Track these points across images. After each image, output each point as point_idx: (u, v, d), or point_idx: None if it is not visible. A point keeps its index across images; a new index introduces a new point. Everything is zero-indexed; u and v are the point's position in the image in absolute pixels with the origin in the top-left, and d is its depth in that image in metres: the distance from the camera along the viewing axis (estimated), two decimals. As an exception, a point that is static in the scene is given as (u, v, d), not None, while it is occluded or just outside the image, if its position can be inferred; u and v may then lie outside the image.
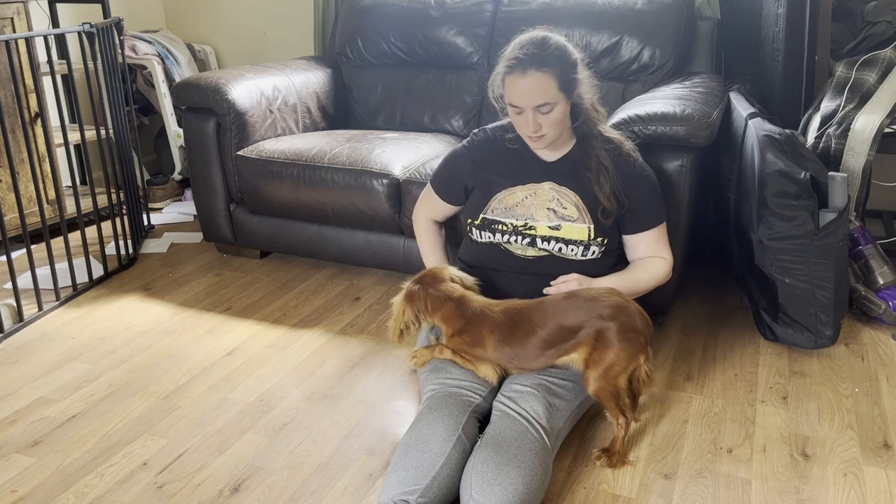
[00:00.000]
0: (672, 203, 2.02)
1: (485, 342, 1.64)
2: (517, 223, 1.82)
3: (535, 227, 1.81)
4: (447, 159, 1.98)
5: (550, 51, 1.67)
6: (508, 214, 1.83)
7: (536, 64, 1.65)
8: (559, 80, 1.66)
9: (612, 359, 1.55)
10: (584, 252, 1.80)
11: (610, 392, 1.57)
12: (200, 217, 2.80)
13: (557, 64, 1.66)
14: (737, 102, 2.29)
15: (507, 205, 1.83)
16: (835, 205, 1.91)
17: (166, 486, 1.58)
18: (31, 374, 2.05)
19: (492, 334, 1.63)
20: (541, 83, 1.65)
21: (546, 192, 1.81)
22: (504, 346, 1.62)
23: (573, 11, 2.72)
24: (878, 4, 2.43)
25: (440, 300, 1.67)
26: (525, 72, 1.65)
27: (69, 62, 2.56)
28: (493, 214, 1.85)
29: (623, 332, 1.55)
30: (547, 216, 1.80)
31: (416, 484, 1.40)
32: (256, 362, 2.09)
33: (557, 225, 1.80)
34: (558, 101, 1.67)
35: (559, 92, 1.67)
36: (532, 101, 1.66)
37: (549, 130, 1.71)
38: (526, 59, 1.65)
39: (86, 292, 2.58)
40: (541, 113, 1.68)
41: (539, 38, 1.69)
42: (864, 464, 1.61)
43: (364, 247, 2.55)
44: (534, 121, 1.69)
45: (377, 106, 3.07)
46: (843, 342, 2.11)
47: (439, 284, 1.70)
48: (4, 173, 2.83)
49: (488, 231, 1.85)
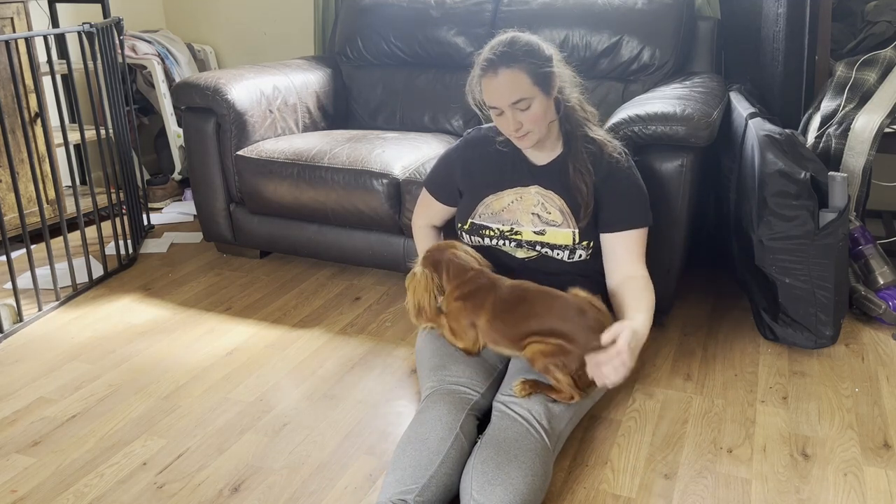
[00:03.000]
0: (672, 203, 2.02)
1: (482, 311, 1.67)
2: (503, 228, 1.83)
3: (520, 233, 1.82)
4: (440, 160, 1.99)
5: (519, 47, 1.67)
6: (495, 220, 1.84)
7: (506, 61, 1.65)
8: (532, 75, 1.66)
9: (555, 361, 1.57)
10: (571, 255, 1.81)
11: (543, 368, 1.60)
12: (200, 217, 2.80)
13: (528, 59, 1.66)
14: (737, 102, 2.29)
15: (493, 210, 1.84)
16: (835, 205, 1.91)
17: (166, 486, 1.58)
18: (31, 374, 2.05)
19: (492, 305, 1.66)
20: (513, 79, 1.65)
21: (532, 197, 1.81)
22: (496, 320, 1.65)
23: (573, 11, 2.72)
24: (878, 4, 2.43)
25: (462, 269, 1.73)
26: (496, 71, 1.66)
27: (69, 62, 2.56)
28: (480, 219, 1.85)
29: (582, 370, 1.57)
30: (531, 221, 1.81)
31: (414, 483, 1.40)
32: (256, 362, 2.09)
33: (542, 230, 1.80)
34: (534, 95, 1.67)
35: (533, 86, 1.66)
36: (507, 98, 1.67)
37: (531, 127, 1.71)
38: (495, 59, 1.67)
39: (86, 292, 2.58)
40: (519, 110, 1.68)
41: (508, 38, 1.70)
42: (864, 464, 1.61)
43: (364, 247, 2.55)
44: (514, 119, 1.69)
45: (377, 106, 3.07)
46: (843, 342, 2.11)
47: (461, 254, 1.75)
48: (4, 173, 2.83)
49: (477, 236, 1.87)
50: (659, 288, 1.86)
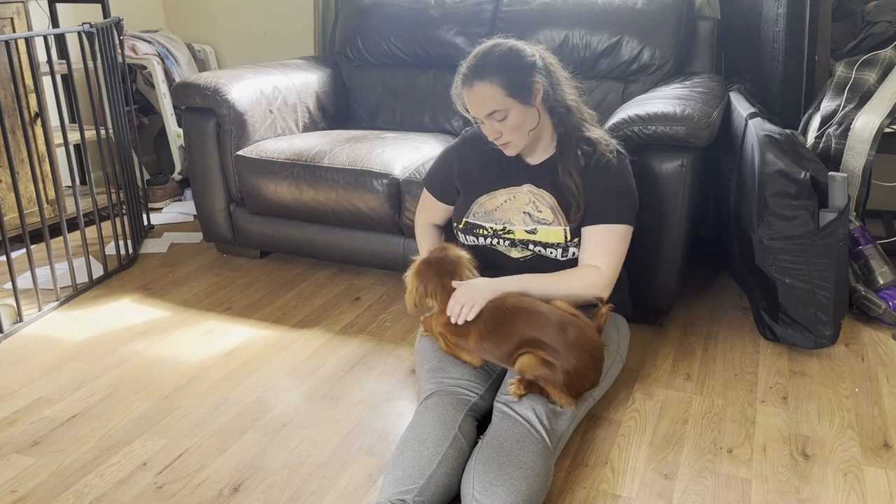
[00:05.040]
0: (672, 203, 2.02)
1: (469, 336, 1.68)
2: (496, 227, 1.84)
3: (512, 231, 1.82)
4: (439, 159, 2.00)
5: (494, 58, 1.67)
6: (488, 219, 1.85)
7: (479, 75, 1.67)
8: (506, 87, 1.66)
9: (540, 374, 1.57)
10: (564, 254, 1.81)
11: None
12: (200, 217, 2.79)
13: (503, 70, 1.66)
14: (737, 102, 2.29)
15: (486, 209, 1.85)
16: (835, 205, 1.91)
17: (166, 486, 1.58)
18: (31, 374, 2.05)
19: (476, 330, 1.67)
20: (486, 92, 1.66)
21: (524, 196, 1.82)
22: (484, 342, 1.66)
23: (573, 11, 2.72)
24: (878, 4, 2.43)
25: (446, 288, 1.72)
26: (471, 84, 1.68)
27: (69, 62, 2.56)
28: (474, 218, 1.86)
29: (568, 380, 1.57)
30: (522, 220, 1.81)
31: (413, 483, 1.40)
32: (256, 362, 2.08)
33: (533, 229, 1.80)
34: (509, 107, 1.67)
35: (507, 98, 1.66)
36: (482, 110, 1.68)
37: (511, 137, 1.71)
38: (469, 73, 1.69)
39: (86, 292, 2.58)
40: (496, 121, 1.69)
41: (486, 47, 1.71)
42: (864, 464, 1.61)
43: (364, 247, 2.55)
44: (492, 129, 1.71)
45: (377, 106, 3.07)
46: (843, 342, 2.11)
47: (447, 272, 1.73)
48: (4, 173, 2.83)
49: (471, 235, 1.88)
50: (659, 288, 1.87)
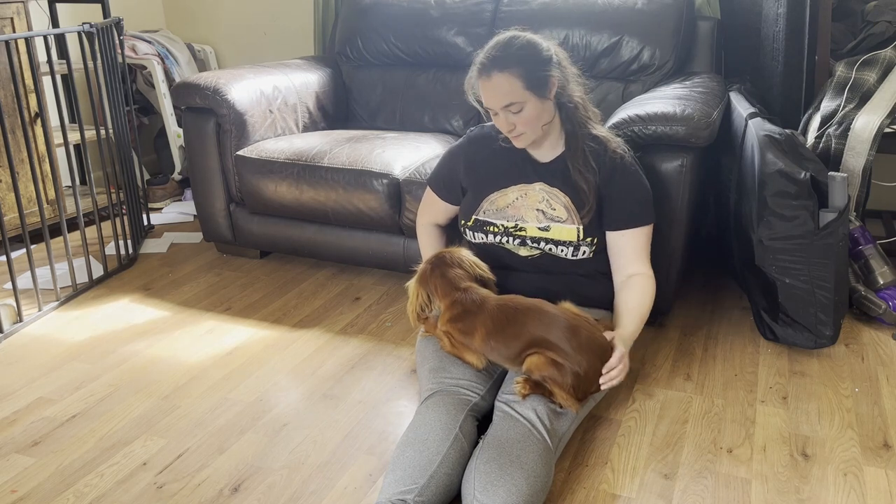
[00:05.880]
0: (672, 203, 2.02)
1: (475, 333, 1.66)
2: (508, 224, 1.83)
3: (525, 229, 1.82)
4: (444, 158, 1.99)
5: (513, 50, 1.67)
6: (499, 216, 1.84)
7: (499, 66, 1.65)
8: (525, 80, 1.65)
9: (548, 374, 1.57)
10: (574, 252, 1.81)
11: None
12: (200, 217, 2.79)
13: (522, 63, 1.66)
14: (737, 102, 2.29)
15: (498, 206, 1.84)
16: (835, 205, 1.91)
17: (166, 486, 1.58)
18: (31, 374, 2.05)
19: (483, 326, 1.65)
20: (504, 84, 1.65)
21: (536, 193, 1.81)
22: (491, 339, 1.65)
23: (573, 11, 2.72)
24: (878, 4, 2.43)
25: (449, 287, 1.71)
26: (490, 75, 1.67)
27: (69, 62, 2.56)
28: (484, 216, 1.85)
29: (576, 382, 1.57)
30: (536, 217, 1.81)
31: (414, 483, 1.40)
32: (256, 362, 2.08)
33: (546, 226, 1.80)
34: (526, 99, 1.67)
35: (525, 91, 1.66)
36: (499, 102, 1.67)
37: (525, 129, 1.71)
38: (488, 63, 1.67)
39: (85, 292, 2.58)
40: (512, 113, 1.68)
41: (505, 39, 1.70)
42: (864, 464, 1.61)
43: (364, 247, 2.55)
44: (507, 121, 1.70)
45: (377, 106, 3.07)
46: (843, 342, 2.11)
47: (451, 270, 1.73)
48: (4, 173, 2.83)
49: (480, 232, 1.87)
50: (659, 288, 1.87)
